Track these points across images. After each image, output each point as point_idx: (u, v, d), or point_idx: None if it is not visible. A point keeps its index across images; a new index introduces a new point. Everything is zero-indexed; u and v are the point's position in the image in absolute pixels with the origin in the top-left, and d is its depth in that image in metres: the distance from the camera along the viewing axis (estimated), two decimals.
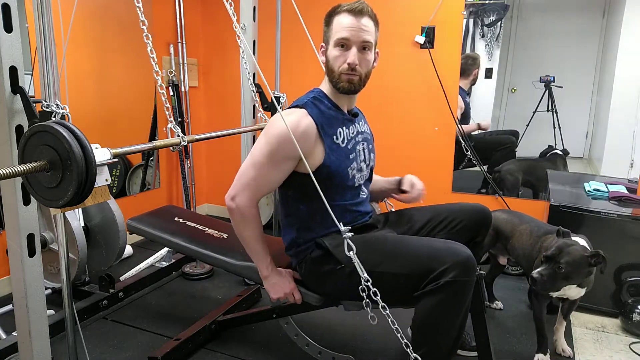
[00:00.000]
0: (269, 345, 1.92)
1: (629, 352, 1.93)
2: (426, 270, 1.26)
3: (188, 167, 3.31)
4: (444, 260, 1.25)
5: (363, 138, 1.55)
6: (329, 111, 1.45)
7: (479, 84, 2.94)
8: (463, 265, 1.24)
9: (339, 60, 1.40)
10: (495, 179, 2.88)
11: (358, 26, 1.38)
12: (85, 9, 2.62)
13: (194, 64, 3.41)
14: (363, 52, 1.41)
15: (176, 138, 1.44)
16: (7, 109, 1.20)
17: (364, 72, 1.43)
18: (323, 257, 1.44)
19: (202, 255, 1.78)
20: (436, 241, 1.38)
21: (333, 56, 1.41)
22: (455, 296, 1.25)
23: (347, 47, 1.39)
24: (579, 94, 2.88)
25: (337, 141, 1.44)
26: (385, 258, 1.35)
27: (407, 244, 1.39)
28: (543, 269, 1.63)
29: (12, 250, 1.29)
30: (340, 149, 1.44)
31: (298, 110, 1.41)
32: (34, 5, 1.28)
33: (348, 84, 1.41)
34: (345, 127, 1.47)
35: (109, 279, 2.17)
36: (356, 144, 1.51)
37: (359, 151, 1.52)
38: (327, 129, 1.42)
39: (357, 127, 1.53)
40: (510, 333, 2.06)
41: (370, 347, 1.87)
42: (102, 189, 1.17)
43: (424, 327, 1.31)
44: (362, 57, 1.41)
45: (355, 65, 1.39)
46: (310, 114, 1.40)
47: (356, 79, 1.42)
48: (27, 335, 1.33)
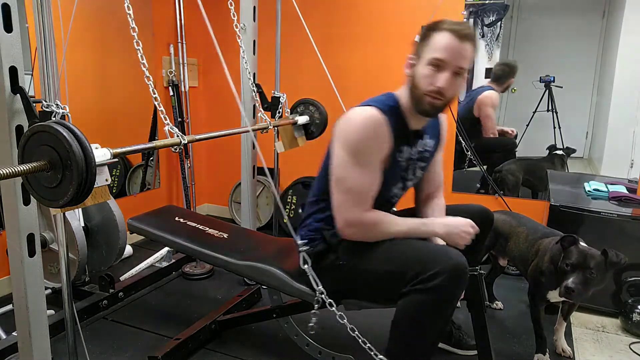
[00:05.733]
0: (269, 345, 1.92)
1: (629, 352, 1.93)
2: (416, 272, 1.24)
3: (188, 167, 3.31)
4: (435, 263, 1.23)
5: (423, 157, 1.51)
6: (399, 125, 1.38)
7: (479, 84, 2.94)
8: (453, 273, 1.21)
9: (428, 80, 1.31)
10: (496, 179, 2.88)
11: (458, 50, 1.28)
12: (85, 9, 2.62)
13: (194, 64, 3.41)
14: (455, 78, 1.31)
15: (176, 138, 1.44)
16: (7, 109, 1.20)
17: (449, 97, 1.34)
18: (324, 252, 1.44)
19: (202, 255, 1.78)
20: (432, 245, 1.36)
21: (422, 74, 1.32)
22: (439, 301, 1.23)
23: (440, 69, 1.30)
24: (579, 94, 2.88)
25: (400, 158, 1.41)
26: (379, 257, 1.35)
27: (402, 244, 1.37)
28: (575, 278, 1.58)
29: (12, 250, 1.29)
30: (399, 166, 1.42)
31: (375, 111, 1.33)
32: (34, 5, 1.28)
33: (429, 107, 1.33)
34: (408, 146, 1.43)
35: (109, 279, 2.17)
36: (412, 164, 1.48)
37: (412, 170, 1.49)
38: (397, 144, 1.37)
39: (418, 147, 1.47)
40: (510, 333, 2.06)
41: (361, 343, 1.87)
42: (102, 189, 1.17)
43: (403, 324, 1.29)
44: (453, 82, 1.31)
45: (444, 90, 1.30)
46: (389, 124, 1.34)
47: (439, 103, 1.33)
48: (27, 335, 1.33)
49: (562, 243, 1.68)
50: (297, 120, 2.32)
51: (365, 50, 2.98)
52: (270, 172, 3.26)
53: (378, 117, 1.32)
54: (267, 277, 1.60)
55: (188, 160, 3.31)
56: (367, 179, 1.34)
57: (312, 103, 2.38)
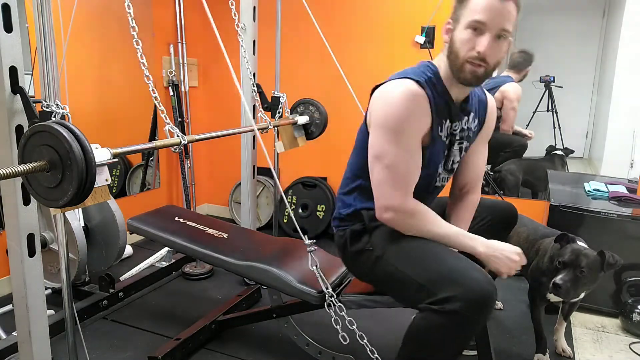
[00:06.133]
0: (269, 345, 1.92)
1: (629, 352, 1.93)
2: (437, 289, 1.14)
3: (188, 167, 3.31)
4: (457, 286, 1.11)
5: (465, 136, 1.39)
6: (440, 98, 1.28)
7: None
8: (474, 301, 1.09)
9: (468, 45, 1.20)
10: (496, 178, 2.88)
11: (500, 10, 1.17)
12: (86, 9, 2.62)
13: (194, 64, 3.41)
14: (497, 41, 1.20)
15: (176, 138, 1.44)
16: (7, 109, 1.20)
17: (493, 64, 1.22)
18: (359, 234, 1.37)
19: (202, 255, 1.78)
20: (465, 263, 1.19)
21: (461, 39, 1.21)
22: (455, 327, 1.12)
23: (481, 32, 1.19)
24: (579, 94, 2.88)
25: (441, 133, 1.30)
26: (408, 259, 1.26)
27: (435, 254, 1.24)
28: (565, 275, 1.58)
29: (12, 250, 1.29)
30: (440, 142, 1.31)
31: (413, 84, 1.23)
32: (34, 5, 1.27)
33: (471, 76, 1.22)
34: (450, 121, 1.32)
35: (109, 279, 2.17)
36: (455, 142, 1.37)
37: (456, 151, 1.39)
38: (437, 117, 1.27)
39: (462, 124, 1.36)
40: (510, 333, 2.06)
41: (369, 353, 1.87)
42: (102, 189, 1.17)
43: (413, 342, 1.21)
44: (496, 46, 1.20)
45: (485, 55, 1.19)
46: (428, 96, 1.24)
47: (482, 70, 1.22)
48: (27, 335, 1.33)
49: (558, 241, 1.69)
50: (297, 120, 2.32)
51: (366, 49, 2.99)
52: (270, 171, 3.27)
53: (416, 91, 1.23)
54: (267, 277, 1.60)
55: (188, 160, 3.31)
56: (407, 157, 1.25)
57: (312, 103, 2.38)
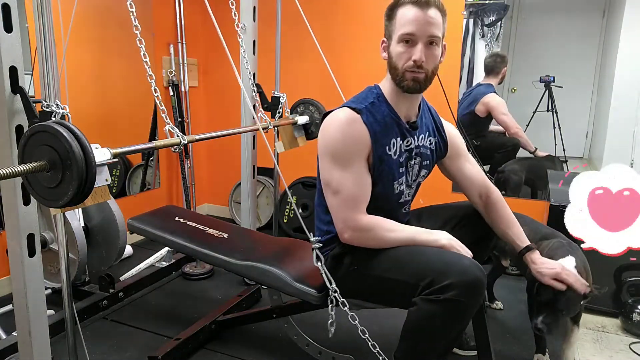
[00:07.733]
0: (269, 345, 1.92)
1: (629, 352, 1.93)
2: (429, 281, 1.19)
3: (188, 167, 3.31)
4: (450, 274, 1.17)
5: (418, 153, 1.44)
6: (386, 119, 1.35)
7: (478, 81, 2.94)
8: (468, 286, 1.16)
9: (404, 57, 1.30)
10: (499, 179, 2.87)
11: (424, 19, 1.26)
12: (85, 9, 2.62)
13: (194, 64, 3.41)
14: (430, 48, 1.29)
15: (176, 138, 1.44)
16: (7, 109, 1.20)
17: (431, 69, 1.31)
18: (340, 257, 1.41)
19: (202, 255, 1.78)
20: (450, 254, 1.27)
21: (397, 53, 1.31)
22: (452, 314, 1.18)
23: (413, 43, 1.28)
24: (579, 94, 2.88)
25: (389, 152, 1.36)
26: (395, 264, 1.30)
27: (416, 252, 1.30)
28: (545, 318, 1.51)
29: (12, 250, 1.29)
30: (392, 160, 1.37)
31: (348, 112, 1.33)
32: (34, 5, 1.27)
33: (413, 83, 1.31)
34: (400, 139, 1.38)
35: (109, 279, 2.17)
36: (409, 159, 1.42)
37: (414, 167, 1.45)
38: (381, 138, 1.34)
39: (416, 141, 1.43)
40: (510, 333, 2.06)
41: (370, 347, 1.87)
42: (102, 189, 1.17)
43: (412, 334, 1.25)
44: (429, 53, 1.29)
45: (421, 62, 1.28)
46: (365, 122, 1.32)
47: (422, 76, 1.31)
48: (27, 335, 1.33)
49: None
50: (297, 120, 2.32)
51: (365, 50, 2.98)
52: (270, 172, 3.27)
53: (351, 117, 1.31)
54: (267, 277, 1.60)
55: (188, 160, 3.31)
56: (352, 179, 1.31)
57: (312, 103, 2.38)
